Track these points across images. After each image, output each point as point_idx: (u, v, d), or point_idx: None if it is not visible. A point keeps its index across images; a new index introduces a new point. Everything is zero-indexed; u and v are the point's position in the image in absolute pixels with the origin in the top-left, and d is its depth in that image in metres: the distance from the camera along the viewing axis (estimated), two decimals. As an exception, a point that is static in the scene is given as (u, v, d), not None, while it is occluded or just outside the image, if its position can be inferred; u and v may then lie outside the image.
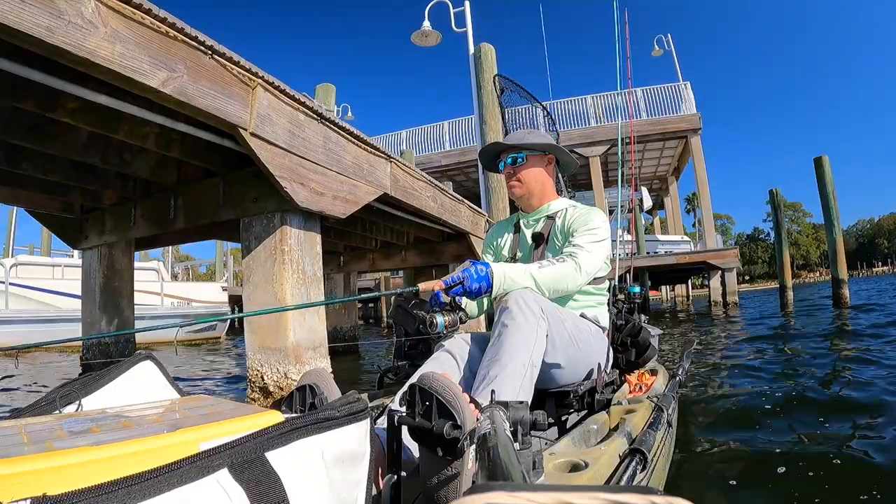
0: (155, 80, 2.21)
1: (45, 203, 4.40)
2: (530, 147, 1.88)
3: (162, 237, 5.08)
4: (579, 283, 1.66)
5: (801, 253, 71.54)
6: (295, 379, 3.10)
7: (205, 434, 0.64)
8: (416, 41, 9.67)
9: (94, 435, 0.64)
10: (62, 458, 0.54)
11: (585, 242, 1.70)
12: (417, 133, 18.53)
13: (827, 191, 12.34)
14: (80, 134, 3.18)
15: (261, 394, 3.16)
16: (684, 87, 15.89)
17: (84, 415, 0.83)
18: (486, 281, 1.51)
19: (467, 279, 1.49)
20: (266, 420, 0.70)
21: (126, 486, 0.50)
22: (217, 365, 7.57)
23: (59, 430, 0.68)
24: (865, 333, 6.15)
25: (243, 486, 0.58)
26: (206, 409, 0.80)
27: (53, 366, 7.39)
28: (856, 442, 2.33)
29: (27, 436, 0.65)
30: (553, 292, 1.61)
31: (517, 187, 1.90)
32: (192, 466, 0.55)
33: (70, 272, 11.08)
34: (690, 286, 29.49)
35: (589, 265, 1.66)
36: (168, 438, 0.62)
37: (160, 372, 1.05)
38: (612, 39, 4.36)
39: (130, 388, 0.99)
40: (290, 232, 3.17)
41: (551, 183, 1.95)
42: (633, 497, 0.34)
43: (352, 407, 0.75)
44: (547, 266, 1.62)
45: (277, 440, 0.65)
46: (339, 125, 3.48)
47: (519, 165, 1.88)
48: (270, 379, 3.12)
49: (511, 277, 1.54)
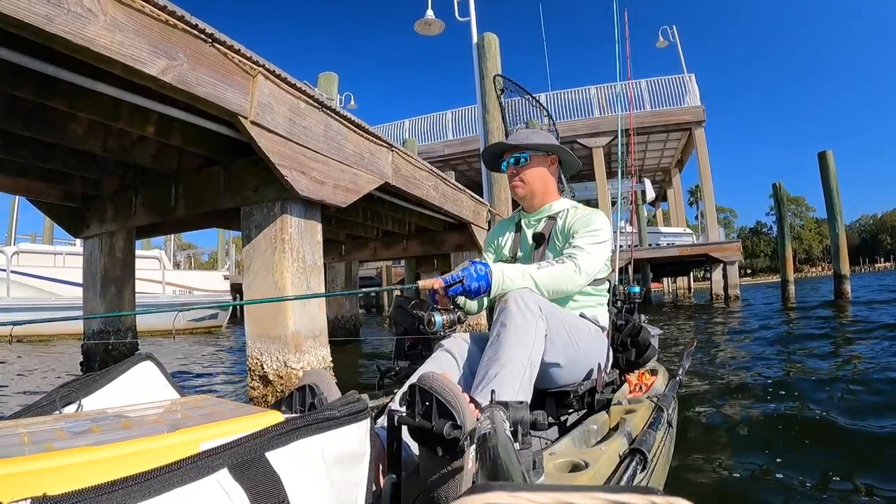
0: (155, 69, 2.19)
1: (46, 192, 4.39)
2: (534, 147, 1.87)
3: (163, 225, 5.07)
4: (579, 284, 1.65)
5: (803, 247, 71.38)
6: (295, 368, 3.10)
7: (205, 434, 0.64)
8: (420, 30, 9.62)
9: (95, 435, 0.64)
10: (62, 458, 0.54)
11: (586, 244, 1.69)
12: (420, 122, 18.46)
13: (830, 186, 12.31)
14: (79, 122, 3.16)
15: (260, 382, 3.16)
16: (689, 79, 15.80)
17: (84, 415, 0.82)
18: (486, 281, 1.51)
19: (466, 278, 1.50)
20: (266, 420, 0.70)
21: (126, 486, 0.50)
22: (218, 354, 7.58)
23: (59, 430, 0.68)
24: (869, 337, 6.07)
25: (243, 486, 0.58)
26: (206, 410, 0.79)
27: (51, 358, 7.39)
28: (859, 442, 2.33)
29: (27, 436, 0.65)
30: (552, 293, 1.60)
31: (520, 187, 1.89)
32: (193, 466, 0.55)
33: (71, 260, 11.09)
34: (692, 279, 29.46)
35: (589, 267, 1.66)
36: (168, 438, 0.62)
37: (160, 372, 1.05)
38: (612, 31, 4.36)
39: (130, 388, 0.99)
40: (290, 221, 3.16)
41: (554, 183, 1.94)
42: (634, 497, 0.35)
43: (352, 407, 0.75)
44: (546, 267, 1.62)
45: (277, 440, 0.64)
46: (340, 114, 3.46)
47: (522, 165, 1.87)
48: (270, 367, 3.12)
49: (510, 278, 1.54)
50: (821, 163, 12.48)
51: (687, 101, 15.60)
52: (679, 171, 20.52)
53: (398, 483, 0.94)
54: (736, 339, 6.66)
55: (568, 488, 0.36)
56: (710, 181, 15.34)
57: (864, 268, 69.72)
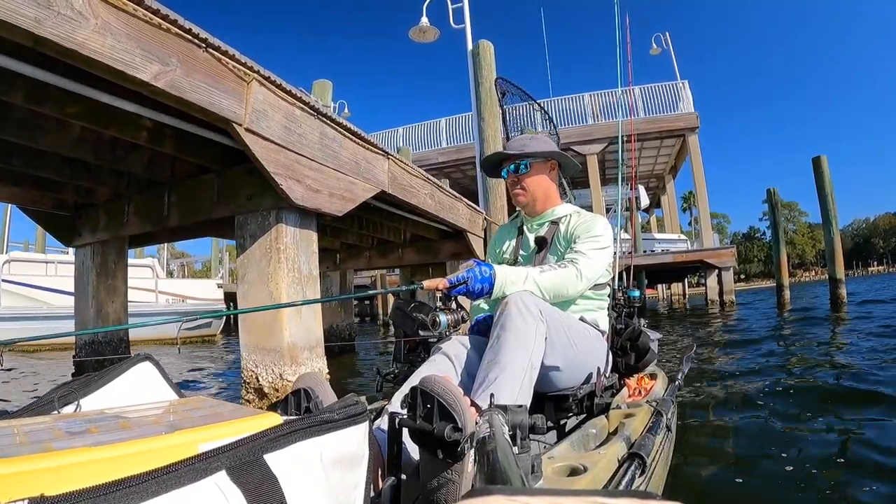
0: (147, 74, 2.16)
1: (38, 200, 4.34)
2: (533, 155, 1.88)
3: (156, 234, 5.02)
4: (580, 289, 1.67)
5: (796, 252, 71.76)
6: (290, 380, 3.05)
7: (203, 436, 0.64)
8: (414, 37, 9.61)
9: (93, 436, 0.64)
10: (60, 458, 0.54)
11: (587, 249, 1.71)
12: (414, 130, 18.42)
13: (825, 191, 12.38)
14: (71, 129, 3.12)
15: (255, 395, 3.11)
16: (682, 86, 15.87)
17: (82, 415, 0.82)
18: (489, 283, 1.52)
19: (471, 280, 1.50)
20: (265, 422, 0.70)
21: (124, 487, 0.50)
22: (213, 364, 7.51)
23: (58, 430, 0.68)
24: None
25: (241, 488, 0.58)
26: (204, 411, 0.79)
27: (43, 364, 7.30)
28: (857, 446, 2.33)
29: (25, 436, 0.65)
30: (554, 297, 1.61)
31: (521, 195, 1.90)
32: (190, 468, 0.55)
33: (64, 269, 10.98)
34: (687, 285, 29.52)
35: (590, 272, 1.67)
36: (166, 440, 0.61)
37: (159, 373, 1.05)
38: (611, 37, 4.36)
39: (129, 388, 0.99)
40: (285, 230, 3.12)
41: (555, 188, 1.95)
42: (632, 502, 0.35)
43: (350, 409, 0.75)
44: (548, 271, 1.63)
45: (276, 442, 0.65)
46: (335, 121, 3.43)
47: (522, 174, 1.88)
48: (265, 380, 3.07)
49: (512, 281, 1.55)
50: (815, 168, 12.55)
51: (680, 107, 15.65)
52: (673, 177, 20.58)
53: (398, 486, 0.95)
54: (734, 342, 6.68)
55: (566, 492, 0.35)
56: (704, 187, 15.37)
57: (858, 272, 70.03)
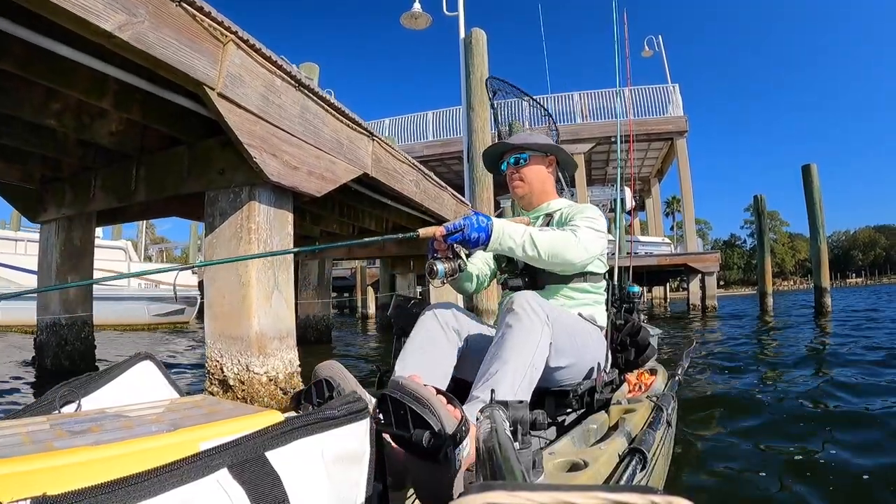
0: (110, 24, 1.97)
1: (4, 171, 4.09)
2: (533, 147, 1.93)
3: (124, 211, 4.80)
4: (578, 255, 1.63)
5: (776, 261, 72.78)
6: (258, 372, 2.87)
7: (204, 434, 0.64)
8: (406, 23, 9.44)
9: (94, 435, 0.64)
10: (62, 457, 0.54)
11: (584, 225, 1.71)
12: (400, 122, 18.23)
13: (814, 199, 12.54)
14: (34, 91, 2.90)
15: (220, 387, 2.91)
16: (673, 90, 15.88)
17: (84, 414, 0.83)
18: (485, 232, 1.53)
19: (467, 227, 1.51)
20: (266, 420, 0.70)
21: (126, 485, 0.50)
22: (184, 353, 7.30)
23: (59, 429, 0.69)
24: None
25: (243, 485, 0.59)
26: (205, 409, 0.80)
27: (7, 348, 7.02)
28: (854, 442, 2.37)
29: (27, 436, 0.65)
30: (550, 257, 1.59)
31: (520, 186, 1.95)
32: (192, 466, 0.56)
33: (33, 247, 10.60)
34: (668, 289, 29.66)
35: (588, 242, 1.66)
36: (168, 438, 0.62)
37: (160, 372, 1.06)
38: (606, 36, 4.26)
39: (130, 387, 1.00)
40: (258, 208, 2.92)
41: (552, 182, 2.00)
42: (633, 496, 0.34)
43: (352, 406, 0.76)
44: (547, 230, 1.66)
45: (277, 440, 0.65)
46: (318, 95, 3.25)
47: (521, 165, 1.93)
48: (230, 371, 2.87)
49: (510, 234, 1.56)
50: (805, 176, 12.69)
51: (670, 110, 15.68)
52: (659, 180, 20.71)
53: (384, 491, 0.92)
54: (731, 343, 6.82)
55: (567, 488, 0.36)
56: (691, 191, 15.45)
57: (836, 283, 71.23)
